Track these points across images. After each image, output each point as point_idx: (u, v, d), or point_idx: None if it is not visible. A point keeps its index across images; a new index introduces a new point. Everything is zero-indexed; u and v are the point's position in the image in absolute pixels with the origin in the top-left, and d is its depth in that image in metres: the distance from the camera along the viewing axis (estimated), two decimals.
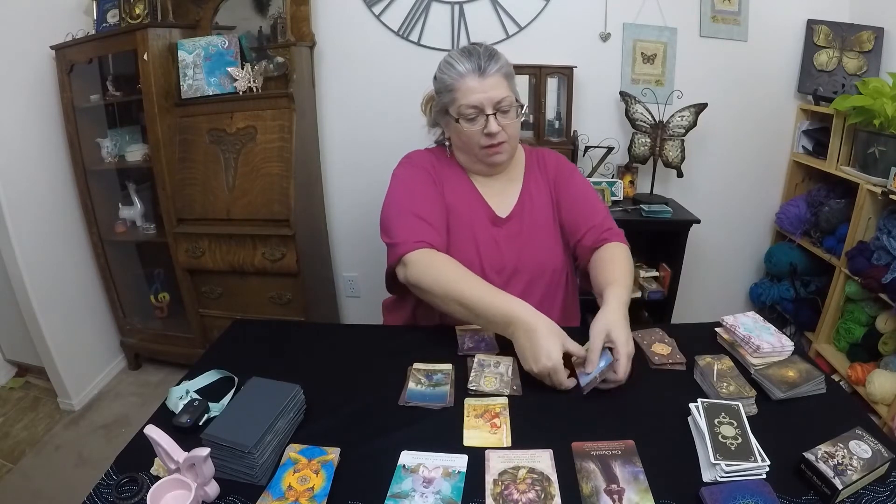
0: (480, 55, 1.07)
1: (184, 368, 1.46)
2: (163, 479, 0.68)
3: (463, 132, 1.11)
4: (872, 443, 0.72)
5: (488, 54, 1.08)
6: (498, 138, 1.10)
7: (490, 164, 1.16)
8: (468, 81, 1.06)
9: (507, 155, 1.15)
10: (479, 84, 1.06)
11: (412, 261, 1.03)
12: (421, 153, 1.25)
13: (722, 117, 2.17)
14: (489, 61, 1.06)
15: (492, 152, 1.13)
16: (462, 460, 0.75)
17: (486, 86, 1.06)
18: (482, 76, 1.06)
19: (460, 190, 1.19)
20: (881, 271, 1.68)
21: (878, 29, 2.04)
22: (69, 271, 2.11)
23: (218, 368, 0.97)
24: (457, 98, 1.08)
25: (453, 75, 1.08)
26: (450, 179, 1.19)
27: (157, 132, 1.92)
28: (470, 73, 1.06)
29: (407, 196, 1.13)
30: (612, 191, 2.13)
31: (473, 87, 1.06)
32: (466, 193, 1.19)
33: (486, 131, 1.08)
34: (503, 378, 0.92)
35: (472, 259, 1.13)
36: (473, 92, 1.06)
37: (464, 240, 1.15)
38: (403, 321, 1.25)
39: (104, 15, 1.98)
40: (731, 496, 0.66)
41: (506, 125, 1.09)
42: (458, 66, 1.07)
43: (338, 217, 2.40)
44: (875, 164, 1.80)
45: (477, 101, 1.06)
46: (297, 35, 1.99)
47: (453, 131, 1.15)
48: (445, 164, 1.21)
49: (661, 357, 0.98)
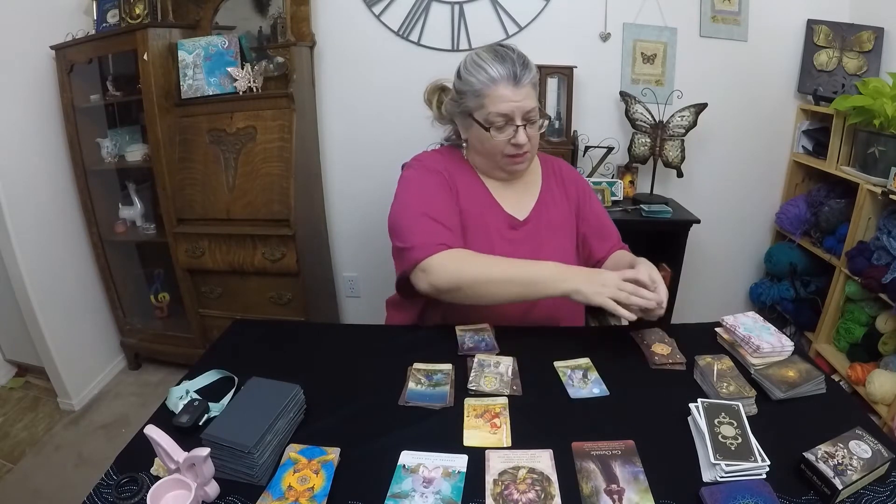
0: (515, 62, 1.02)
1: (184, 368, 1.46)
2: (163, 479, 0.68)
3: (488, 140, 1.07)
4: (872, 443, 0.72)
5: (522, 61, 1.03)
6: (524, 149, 1.07)
7: (510, 172, 1.15)
8: (501, 89, 1.01)
9: (527, 164, 1.14)
10: (513, 93, 1.01)
11: (436, 265, 0.99)
12: (431, 155, 1.20)
13: (722, 117, 2.17)
14: (524, 70, 1.02)
15: (514, 161, 1.10)
16: (462, 460, 0.75)
17: (520, 95, 1.01)
18: (517, 85, 1.01)
19: (474, 193, 1.15)
20: (881, 271, 1.68)
21: (878, 29, 2.04)
22: (69, 271, 2.11)
23: (218, 368, 0.97)
24: (486, 104, 1.03)
25: (484, 80, 1.02)
26: (463, 183, 1.15)
27: (157, 132, 1.92)
28: (504, 80, 1.01)
29: (420, 198, 1.08)
30: (612, 191, 2.13)
31: (506, 96, 1.01)
32: (481, 197, 1.16)
33: (514, 142, 1.05)
34: (503, 378, 0.92)
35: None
36: (506, 101, 1.01)
37: (480, 244, 1.12)
38: (410, 320, 1.22)
39: (104, 15, 1.98)
40: (731, 496, 0.66)
41: (532, 136, 1.07)
42: (491, 71, 1.01)
43: (338, 217, 2.40)
44: (875, 164, 1.80)
45: (509, 109, 1.01)
46: (297, 35, 1.99)
47: (475, 136, 1.10)
48: (457, 166, 1.17)
49: (661, 357, 0.98)
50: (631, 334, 1.06)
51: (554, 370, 0.96)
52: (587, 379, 0.94)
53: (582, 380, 0.93)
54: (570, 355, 1.00)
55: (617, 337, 1.08)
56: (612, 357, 1.00)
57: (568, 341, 1.04)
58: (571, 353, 1.00)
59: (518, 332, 1.08)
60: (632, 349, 1.03)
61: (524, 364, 0.97)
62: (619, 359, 1.00)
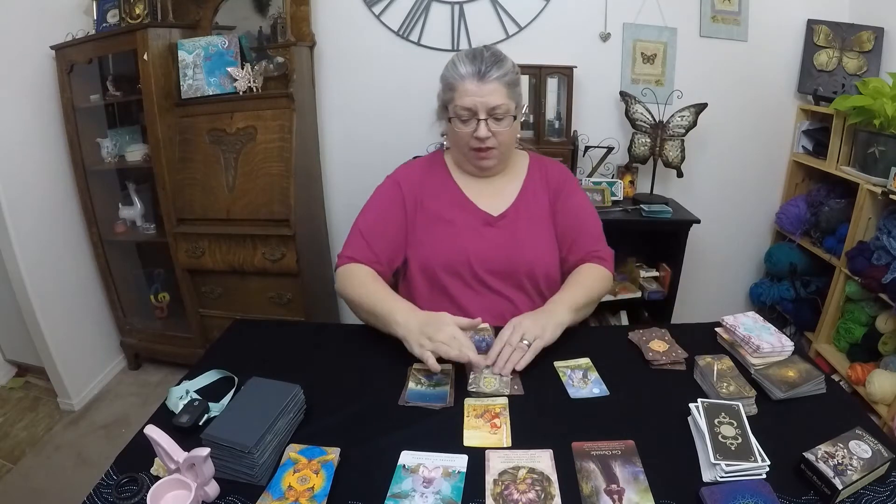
0: (485, 59, 1.07)
1: (184, 368, 1.46)
2: (163, 479, 0.68)
3: (455, 132, 1.13)
4: (872, 443, 0.72)
5: (493, 60, 1.08)
6: (487, 143, 1.11)
7: (478, 168, 1.19)
8: (467, 84, 1.07)
9: (495, 161, 1.17)
10: (477, 88, 1.07)
11: (338, 276, 1.16)
12: (410, 168, 1.27)
13: (722, 117, 2.17)
14: (491, 67, 1.07)
15: (480, 156, 1.15)
16: (462, 460, 0.75)
17: (484, 91, 1.06)
18: (481, 80, 1.06)
19: (444, 194, 1.21)
20: (881, 271, 1.68)
21: (878, 29, 2.04)
22: (69, 271, 2.11)
23: (218, 368, 0.97)
24: (454, 98, 1.10)
25: (454, 74, 1.09)
26: (434, 188, 1.22)
27: (157, 132, 1.92)
28: (470, 76, 1.07)
29: (364, 213, 1.22)
30: (612, 191, 2.13)
31: (470, 90, 1.07)
32: (451, 196, 1.21)
33: (476, 135, 1.10)
34: (503, 378, 0.92)
35: (460, 259, 1.15)
36: (469, 94, 1.07)
37: (449, 240, 1.17)
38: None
39: (104, 15, 1.99)
40: (731, 496, 0.66)
41: (497, 132, 1.10)
42: (461, 67, 1.08)
43: (338, 217, 2.40)
44: (875, 164, 1.80)
45: (471, 103, 1.07)
46: (297, 35, 1.99)
47: (449, 128, 1.17)
48: (433, 172, 1.24)
49: (661, 357, 0.98)
50: (631, 334, 1.06)
51: (554, 370, 0.96)
52: (587, 379, 0.94)
53: (582, 380, 0.94)
54: (570, 355, 1.00)
55: (617, 337, 1.08)
56: (612, 357, 1.00)
57: (568, 341, 1.04)
58: (571, 353, 1.00)
59: None
60: (632, 349, 1.03)
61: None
62: (619, 359, 1.00)
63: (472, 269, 1.16)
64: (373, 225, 1.19)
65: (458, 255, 1.16)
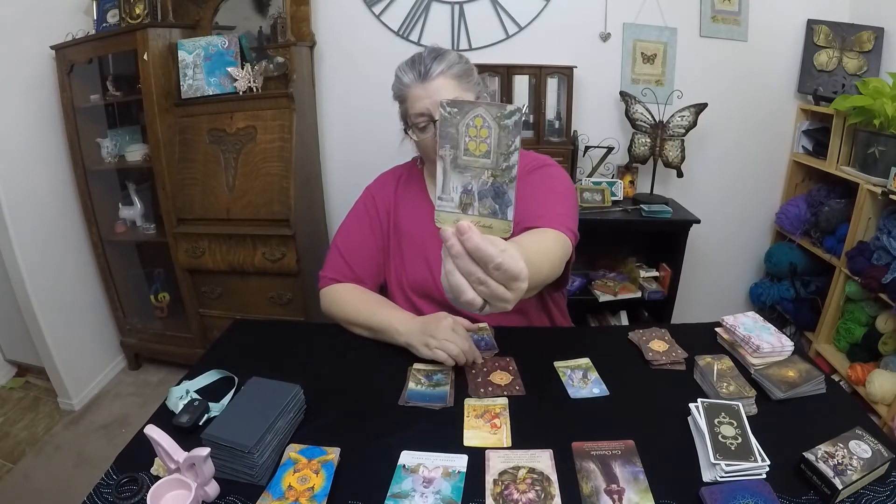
0: (423, 60, 1.02)
1: (184, 368, 1.46)
2: (163, 479, 0.68)
3: (417, 143, 1.08)
4: (872, 443, 0.72)
5: (432, 56, 1.02)
6: None
7: None
8: (413, 90, 1.02)
9: None
10: (423, 90, 1.01)
11: (323, 296, 1.17)
12: (385, 176, 1.25)
13: (722, 117, 2.17)
14: (431, 63, 1.01)
15: None
16: (462, 460, 0.75)
17: (431, 90, 1.00)
18: (424, 81, 1.01)
19: (416, 211, 1.16)
20: (881, 271, 1.68)
21: (878, 29, 2.04)
22: (69, 271, 2.11)
23: (218, 368, 0.97)
24: (407, 109, 1.05)
25: (400, 86, 1.04)
26: (406, 202, 1.18)
27: (157, 132, 1.92)
28: (413, 82, 1.02)
29: (342, 229, 1.21)
30: (612, 191, 2.13)
31: (417, 95, 1.01)
32: (423, 214, 1.15)
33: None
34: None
35: (426, 281, 1.12)
36: (418, 99, 1.01)
37: (417, 262, 1.14)
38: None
39: (104, 15, 1.98)
40: (731, 496, 0.66)
41: None
42: (404, 77, 1.03)
43: (338, 217, 2.40)
44: (875, 164, 1.80)
45: (423, 107, 1.01)
46: (297, 35, 1.99)
47: (415, 142, 1.10)
48: (407, 183, 1.20)
49: (661, 356, 0.98)
50: (631, 334, 1.06)
51: (554, 370, 0.96)
52: (587, 379, 0.94)
53: (582, 380, 0.93)
54: (570, 355, 1.00)
55: (617, 337, 1.08)
56: (612, 357, 1.00)
57: (568, 341, 1.04)
58: (571, 353, 1.00)
59: (518, 332, 1.08)
60: (632, 349, 1.03)
61: (524, 364, 0.97)
62: (619, 359, 1.00)
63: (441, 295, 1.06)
64: (350, 244, 1.18)
65: (425, 281, 1.12)
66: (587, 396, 0.90)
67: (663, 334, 1.05)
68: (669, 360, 0.97)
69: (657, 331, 1.06)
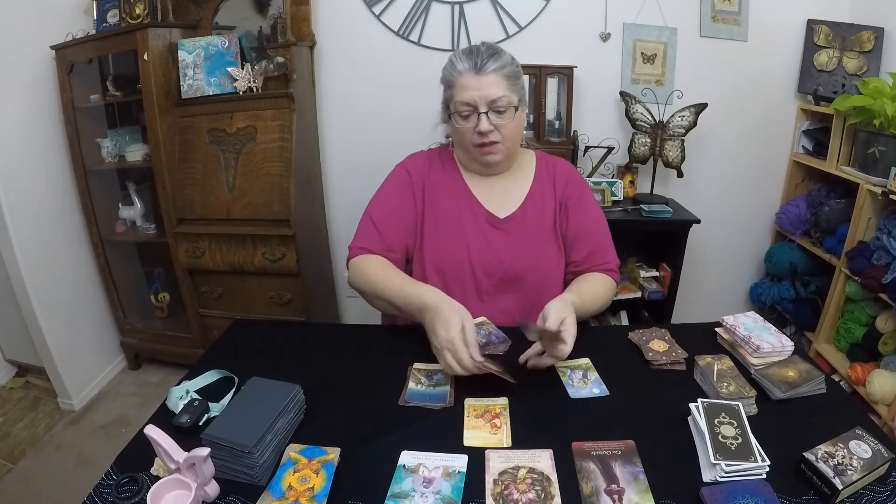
0: (481, 53, 1.07)
1: (184, 368, 1.46)
2: (163, 479, 0.68)
3: (457, 129, 1.12)
4: (872, 443, 0.72)
5: (489, 53, 1.07)
6: (490, 137, 1.09)
7: (484, 164, 1.17)
8: (464, 79, 1.07)
9: (501, 156, 1.14)
10: (475, 82, 1.06)
11: (352, 266, 1.14)
12: (418, 157, 1.26)
13: (722, 117, 2.17)
14: (488, 59, 1.06)
15: (484, 151, 1.13)
16: (462, 460, 0.75)
17: (482, 84, 1.05)
18: (478, 74, 1.06)
19: (453, 191, 1.20)
20: (881, 271, 1.68)
21: (878, 29, 2.04)
22: (69, 271, 2.11)
23: (218, 368, 0.97)
24: (454, 95, 1.09)
25: (452, 72, 1.09)
26: (442, 182, 1.20)
27: (157, 132, 1.92)
28: (467, 71, 1.06)
29: (376, 201, 1.20)
30: (612, 191, 2.13)
31: (468, 85, 1.06)
32: (459, 194, 1.19)
33: (478, 129, 1.08)
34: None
35: (461, 258, 1.15)
36: (468, 89, 1.06)
37: (453, 240, 1.16)
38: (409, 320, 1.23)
39: (104, 15, 1.98)
40: (731, 496, 0.66)
41: (500, 125, 1.09)
42: (458, 64, 1.08)
43: (338, 217, 2.40)
44: (875, 164, 1.80)
45: (470, 98, 1.06)
46: (297, 35, 1.99)
47: (452, 127, 1.15)
48: (442, 165, 1.22)
49: (661, 356, 0.98)
50: (631, 334, 1.06)
51: (554, 370, 0.96)
52: (587, 379, 0.94)
53: (582, 380, 0.94)
54: (571, 355, 0.99)
55: (617, 337, 1.08)
56: (612, 357, 1.00)
57: None
58: (571, 353, 0.99)
59: (518, 332, 1.07)
60: (632, 349, 1.03)
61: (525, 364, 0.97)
62: (619, 359, 1.00)
63: (473, 273, 1.14)
64: (385, 213, 1.17)
65: (460, 259, 1.15)
66: (587, 396, 0.90)
67: (663, 334, 1.05)
68: (669, 360, 0.97)
69: (657, 331, 1.06)
